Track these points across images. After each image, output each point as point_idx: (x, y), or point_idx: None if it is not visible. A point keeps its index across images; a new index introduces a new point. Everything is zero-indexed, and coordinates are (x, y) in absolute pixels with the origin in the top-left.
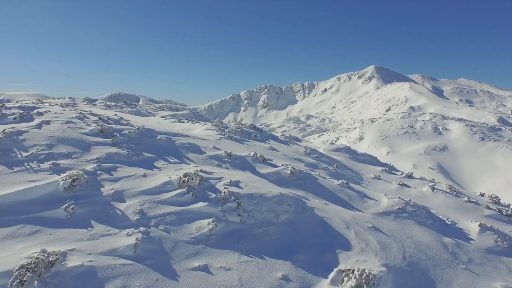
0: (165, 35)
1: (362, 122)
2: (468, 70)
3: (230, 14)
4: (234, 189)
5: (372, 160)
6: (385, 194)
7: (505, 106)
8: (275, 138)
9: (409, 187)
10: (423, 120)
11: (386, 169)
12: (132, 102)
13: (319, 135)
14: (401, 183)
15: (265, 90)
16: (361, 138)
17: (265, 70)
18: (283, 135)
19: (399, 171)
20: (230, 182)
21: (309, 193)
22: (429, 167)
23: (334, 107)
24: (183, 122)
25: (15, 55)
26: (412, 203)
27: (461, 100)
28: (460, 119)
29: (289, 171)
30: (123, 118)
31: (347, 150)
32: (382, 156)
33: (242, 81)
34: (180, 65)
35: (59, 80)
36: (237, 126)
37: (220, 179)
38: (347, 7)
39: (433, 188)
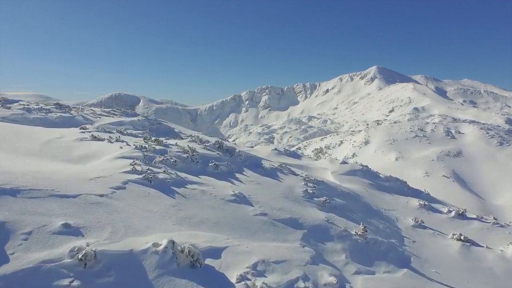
0: (165, 35)
1: (367, 124)
2: (471, 70)
3: (230, 14)
4: None
5: (400, 187)
6: None
7: (510, 107)
8: (256, 166)
9: (479, 245)
10: (434, 123)
11: (425, 203)
12: (132, 103)
13: (322, 138)
14: (463, 237)
15: (266, 90)
16: (367, 142)
17: (266, 70)
18: (275, 149)
19: (442, 204)
20: None
21: None
22: (443, 175)
23: (336, 108)
24: (102, 140)
25: (15, 55)
26: None
27: (465, 101)
28: (473, 121)
29: None
30: None
31: (366, 173)
32: (390, 162)
33: (242, 81)
34: (180, 65)
35: (60, 80)
36: (186, 147)
37: None
38: (347, 7)
39: None
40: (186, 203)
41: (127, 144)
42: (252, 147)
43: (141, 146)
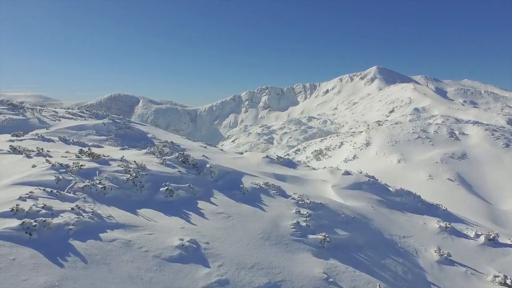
0: (165, 35)
1: (368, 125)
2: (471, 71)
3: (230, 14)
4: None
5: (413, 202)
6: None
7: (510, 107)
8: (232, 187)
9: None
10: (436, 124)
11: (446, 225)
12: (132, 103)
13: (321, 140)
14: (509, 281)
15: (266, 91)
16: (368, 144)
17: (266, 70)
18: (266, 157)
19: (464, 223)
20: None
21: None
22: (448, 178)
23: (336, 109)
24: (21, 153)
25: (15, 55)
26: None
27: (465, 102)
28: (476, 122)
29: None
30: None
31: (373, 186)
32: (392, 165)
33: (242, 81)
34: (180, 65)
35: (60, 80)
36: (133, 163)
37: None
38: (347, 7)
39: None
40: (81, 277)
41: (47, 161)
42: (242, 153)
43: (61, 164)
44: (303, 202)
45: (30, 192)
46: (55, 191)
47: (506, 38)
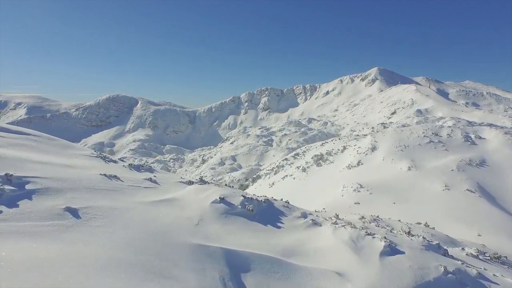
0: (164, 36)
1: (373, 128)
2: (472, 72)
3: (230, 14)
4: None
5: None
6: None
7: None
8: None
9: None
10: (449, 126)
11: None
12: (130, 104)
13: (322, 144)
14: None
15: (266, 92)
16: (373, 148)
17: (266, 71)
18: (221, 201)
19: None
20: None
21: None
22: (467, 189)
23: (336, 110)
24: None
25: (15, 56)
26: None
27: (467, 103)
28: (491, 125)
29: None
30: None
31: (458, 285)
32: (402, 173)
33: (242, 82)
34: (180, 65)
35: (59, 80)
36: None
37: None
38: (347, 7)
39: None
40: None
41: None
42: (191, 182)
43: None
44: None
45: None
46: None
47: (507, 38)
